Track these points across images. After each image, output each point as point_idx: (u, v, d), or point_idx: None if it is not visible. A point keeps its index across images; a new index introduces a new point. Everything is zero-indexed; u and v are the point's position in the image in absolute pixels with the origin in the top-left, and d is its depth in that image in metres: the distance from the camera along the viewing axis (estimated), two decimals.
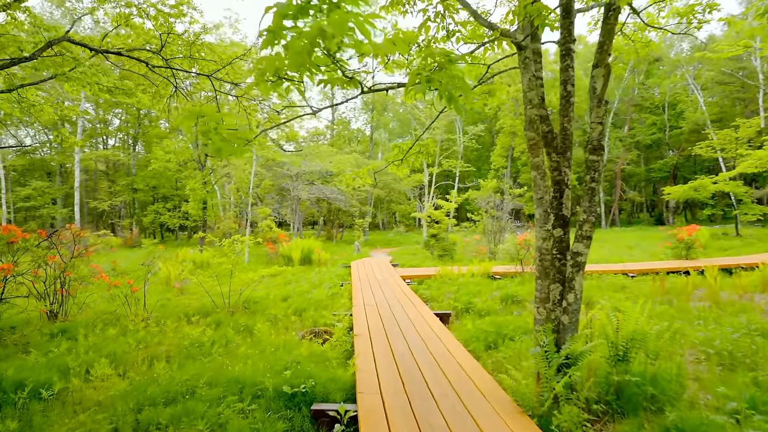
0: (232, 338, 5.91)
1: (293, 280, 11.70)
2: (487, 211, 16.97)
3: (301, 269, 13.88)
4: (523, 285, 9.29)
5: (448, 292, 9.13)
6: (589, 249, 3.59)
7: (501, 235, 16.46)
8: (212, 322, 7.02)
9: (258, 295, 9.21)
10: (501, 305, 7.78)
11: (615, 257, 14.77)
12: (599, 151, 3.52)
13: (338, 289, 9.78)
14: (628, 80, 36.42)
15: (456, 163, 26.89)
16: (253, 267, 15.52)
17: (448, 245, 15.55)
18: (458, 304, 7.72)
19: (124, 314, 7.45)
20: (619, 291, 9.06)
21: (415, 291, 9.30)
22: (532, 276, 9.82)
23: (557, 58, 33.37)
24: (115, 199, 31.07)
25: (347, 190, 22.26)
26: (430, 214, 16.33)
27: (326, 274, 12.34)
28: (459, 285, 9.47)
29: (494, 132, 44.98)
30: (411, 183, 30.36)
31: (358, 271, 12.22)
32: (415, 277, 11.34)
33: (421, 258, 17.33)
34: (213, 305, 8.02)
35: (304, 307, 7.91)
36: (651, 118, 40.54)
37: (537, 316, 3.79)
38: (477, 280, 9.96)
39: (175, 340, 6.10)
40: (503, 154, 37.06)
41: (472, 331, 5.99)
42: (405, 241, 29.62)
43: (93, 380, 4.49)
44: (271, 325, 6.95)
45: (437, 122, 25.33)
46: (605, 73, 3.48)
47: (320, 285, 10.68)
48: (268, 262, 16.56)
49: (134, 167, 33.27)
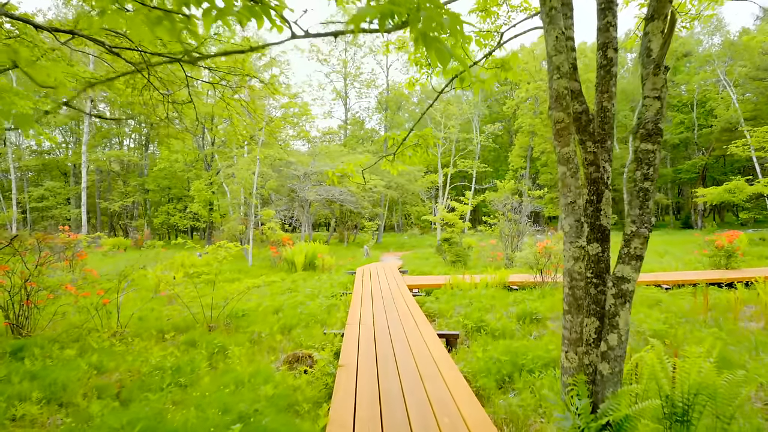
0: (199, 364, 5.05)
1: (292, 288, 10.85)
2: (504, 213, 15.88)
3: (303, 276, 13.04)
4: (543, 299, 8.24)
5: (459, 306, 8.14)
6: (638, 273, 2.59)
7: (519, 240, 15.36)
8: (187, 341, 6.19)
9: (247, 307, 8.38)
10: (518, 324, 6.77)
11: (645, 266, 13.52)
12: (655, 137, 2.52)
13: (337, 300, 8.88)
14: None
15: (472, 163, 25.76)
16: (256, 272, 14.78)
17: (461, 250, 14.52)
18: (468, 322, 6.74)
19: (95, 328, 6.69)
20: (653, 307, 7.95)
21: (421, 304, 8.34)
22: (553, 288, 8.75)
23: (580, 54, 31.79)
24: (127, 200, 30.84)
25: (357, 191, 21.40)
26: (443, 216, 15.33)
27: (328, 282, 11.47)
28: (471, 298, 8.47)
29: (512, 132, 43.64)
30: (425, 184, 29.35)
31: (363, 278, 11.31)
32: (423, 286, 10.38)
33: (432, 263, 16.33)
34: (193, 319, 7.20)
35: (294, 323, 7.03)
36: (678, 117, 38.67)
37: (565, 362, 2.80)
38: (491, 292, 8.94)
39: (136, 364, 5.28)
40: (522, 155, 35.72)
41: (482, 360, 5.01)
42: (418, 244, 28.62)
43: (6, 426, 3.66)
44: (252, 345, 6.08)
45: (452, 120, 24.32)
46: (666, 28, 2.49)
47: (319, 295, 9.80)
48: (272, 266, 15.79)
49: (146, 168, 33.05)
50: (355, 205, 21.53)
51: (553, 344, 5.60)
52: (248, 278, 13.70)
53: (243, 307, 8.40)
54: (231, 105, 6.73)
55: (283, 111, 19.31)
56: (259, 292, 10.70)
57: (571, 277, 2.66)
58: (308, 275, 13.31)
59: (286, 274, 13.90)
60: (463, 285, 9.78)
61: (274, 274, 14.09)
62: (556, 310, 7.45)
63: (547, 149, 32.63)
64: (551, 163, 33.24)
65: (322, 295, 9.62)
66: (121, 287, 7.76)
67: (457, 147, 30.67)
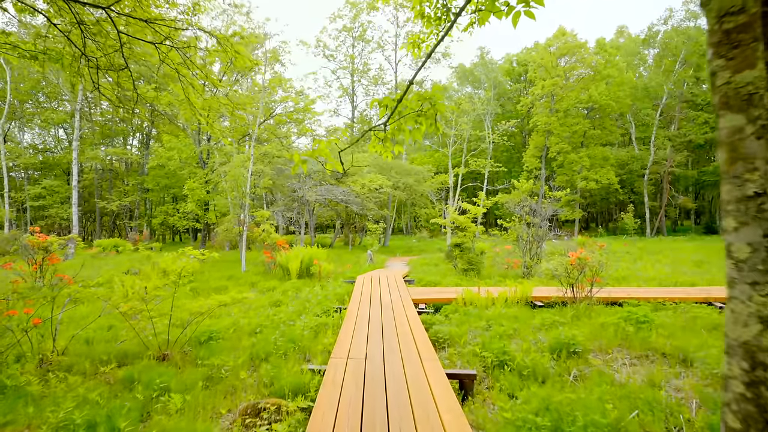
0: (117, 423, 3.67)
1: (280, 301, 9.47)
2: (522, 217, 14.37)
3: (296, 285, 11.66)
4: (578, 322, 6.75)
5: (474, 329, 6.69)
6: None
7: (538, 246, 13.84)
8: (125, 378, 4.83)
9: (220, 326, 7.01)
10: (551, 358, 5.30)
11: (684, 277, 11.93)
12: None
13: (328, 319, 7.47)
14: (678, 73, 32.82)
15: (485, 162, 24.20)
16: (248, 278, 13.45)
17: (474, 257, 13.04)
18: (487, 355, 5.30)
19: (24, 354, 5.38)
20: (712, 331, 6.43)
21: (428, 325, 6.90)
22: (588, 308, 7.25)
23: (599, 50, 30.13)
24: (125, 199, 29.81)
25: (362, 192, 20.01)
26: (453, 219, 13.88)
27: (322, 293, 10.07)
28: (489, 319, 7.00)
29: (525, 132, 41.94)
30: (435, 185, 27.86)
31: (362, 290, 9.89)
32: (431, 301, 8.94)
33: (442, 271, 14.86)
34: (145, 345, 5.83)
35: (269, 351, 5.64)
36: (703, 116, 36.72)
37: None
38: (513, 311, 7.46)
39: (45, 413, 3.93)
40: (537, 155, 34.05)
41: (511, 422, 3.57)
42: (427, 248, 27.12)
43: None
44: (206, 385, 4.70)
45: (463, 117, 22.86)
46: None
47: (309, 310, 8.41)
48: (266, 272, 14.45)
49: (146, 166, 32.07)
50: (359, 206, 20.14)
51: (609, 394, 4.14)
52: (237, 286, 12.39)
53: (216, 326, 7.05)
54: (182, 72, 5.36)
55: (283, 105, 18.05)
56: (242, 305, 9.35)
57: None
58: (303, 284, 11.93)
59: (278, 281, 12.54)
60: (477, 300, 8.32)
61: (267, 281, 12.75)
62: (597, 338, 5.97)
63: (563, 149, 30.95)
64: (567, 164, 31.56)
65: (313, 311, 8.23)
66: (62, 301, 6.43)
67: (468, 146, 29.11)
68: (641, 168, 35.21)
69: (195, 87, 6.27)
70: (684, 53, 32.00)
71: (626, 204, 39.93)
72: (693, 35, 32.25)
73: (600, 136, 33.17)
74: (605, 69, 30.38)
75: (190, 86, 5.44)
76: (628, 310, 6.57)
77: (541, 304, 8.42)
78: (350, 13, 32.56)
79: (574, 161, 30.24)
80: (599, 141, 33.72)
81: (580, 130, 31.52)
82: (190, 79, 5.33)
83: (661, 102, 33.49)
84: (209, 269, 16.39)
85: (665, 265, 14.97)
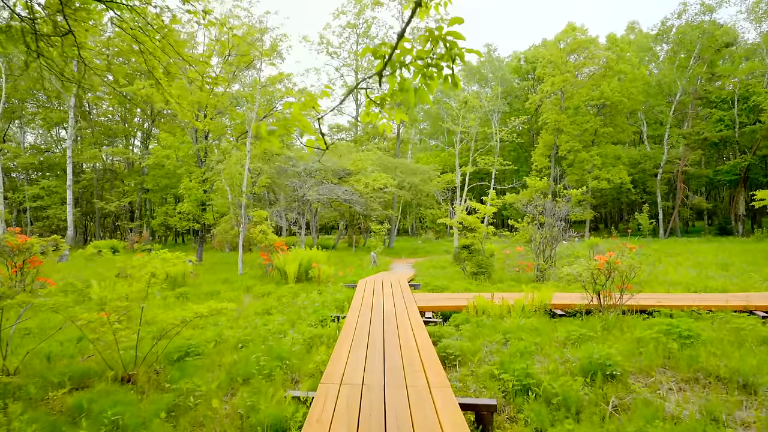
0: None
1: (273, 307, 8.68)
2: (535, 217, 13.51)
3: (293, 289, 10.87)
4: (608, 335, 5.90)
5: (489, 343, 5.86)
6: None
7: (552, 248, 12.98)
8: (75, 405, 4.05)
9: (203, 338, 6.24)
10: (583, 382, 4.44)
11: (712, 281, 11.01)
12: None
13: (323, 330, 6.66)
14: (693, 68, 31.74)
15: (493, 160, 23.27)
16: (243, 282, 12.68)
17: (484, 260, 12.20)
18: (507, 377, 4.48)
19: None
20: (762, 346, 5.57)
21: (437, 338, 6.08)
22: (618, 318, 6.39)
23: (610, 45, 29.18)
24: (125, 199, 29.21)
25: (365, 191, 19.19)
26: (462, 219, 13.05)
27: (320, 300, 9.27)
28: (506, 331, 6.16)
29: (533, 132, 40.92)
30: (441, 184, 27.01)
31: (363, 296, 9.09)
32: (438, 308, 8.12)
33: (450, 274, 14.03)
34: (107, 364, 5.05)
35: (251, 372, 4.84)
36: (717, 114, 35.59)
37: None
38: (532, 322, 6.61)
39: None
40: (546, 153, 33.07)
41: None
42: (433, 249, 26.27)
43: None
44: (169, 417, 3.91)
45: (471, 114, 21.99)
46: None
47: (306, 318, 7.63)
48: (264, 275, 13.68)
49: (144, 166, 31.50)
50: (363, 206, 19.33)
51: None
52: (231, 291, 11.61)
53: (198, 338, 6.27)
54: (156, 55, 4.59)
55: (284, 102, 17.28)
56: (230, 313, 8.58)
57: None
58: (301, 288, 11.14)
59: (275, 286, 11.76)
60: (491, 308, 7.48)
61: (263, 285, 11.97)
62: (635, 356, 5.11)
63: (574, 147, 29.95)
64: (578, 163, 30.57)
65: (307, 321, 7.44)
66: (16, 312, 5.68)
67: (475, 145, 28.20)
68: (653, 167, 34.13)
69: (171, 72, 5.51)
70: (699, 48, 30.91)
71: (636, 204, 38.85)
72: (708, 29, 31.18)
73: (611, 134, 32.16)
74: (617, 65, 29.38)
75: (166, 71, 4.66)
76: (668, 323, 5.70)
77: (562, 313, 7.57)
78: (354, 9, 31.81)
79: (585, 160, 29.25)
80: (611, 139, 32.71)
81: (591, 128, 30.51)
82: (166, 63, 4.54)
83: (675, 99, 32.39)
84: (204, 272, 15.66)
85: (687, 268, 14.03)
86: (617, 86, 29.02)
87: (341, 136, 36.87)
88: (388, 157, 27.04)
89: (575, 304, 7.53)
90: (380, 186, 20.36)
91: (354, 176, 19.99)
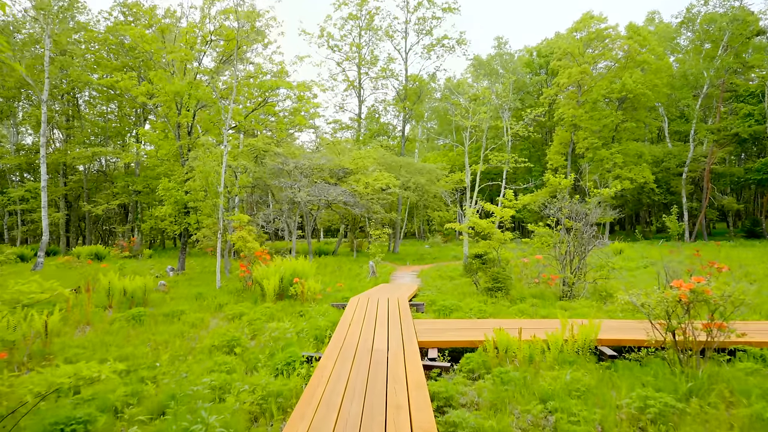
0: None
1: (235, 341, 6.77)
2: (559, 220, 11.51)
3: (271, 310, 8.99)
4: (704, 405, 3.91)
5: (521, 412, 3.92)
6: None
7: (581, 258, 10.98)
8: None
9: (112, 398, 4.36)
10: None
11: None
12: None
13: (290, 382, 4.75)
14: (721, 59, 29.40)
15: (506, 157, 21.19)
16: (219, 298, 10.83)
17: (501, 273, 10.23)
18: None
19: None
20: None
21: (443, 401, 4.16)
22: (711, 375, 4.40)
23: (632, 34, 27.00)
24: (113, 201, 27.61)
25: (366, 192, 17.28)
26: (474, 223, 11.10)
27: (298, 327, 7.38)
28: (544, 396, 4.19)
29: (546, 129, 38.69)
30: (449, 184, 25.01)
31: (351, 323, 7.18)
32: (446, 344, 6.20)
33: (460, 287, 12.08)
34: None
35: None
36: (745, 108, 33.13)
37: None
38: (580, 376, 4.62)
39: None
40: (561, 151, 30.92)
41: None
42: (441, 255, 24.28)
43: None
44: None
45: (483, 107, 20.00)
46: None
47: (272, 358, 5.76)
48: (243, 289, 11.82)
49: (137, 166, 29.92)
50: (362, 208, 17.43)
51: None
52: (198, 312, 9.76)
53: (102, 395, 4.41)
54: None
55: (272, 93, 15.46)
56: (177, 349, 6.75)
57: None
58: (280, 308, 9.27)
59: (252, 304, 9.90)
60: (516, 347, 5.53)
61: (238, 303, 10.11)
62: None
63: (593, 144, 27.75)
64: (597, 161, 28.39)
65: (271, 364, 5.56)
66: None
67: (487, 142, 26.15)
68: (677, 166, 31.81)
69: None
70: (728, 36, 28.56)
71: (656, 205, 36.47)
72: (738, 16, 28.84)
73: (633, 130, 29.90)
74: (640, 55, 27.16)
75: None
76: None
77: (614, 354, 5.59)
78: None
79: (605, 158, 27.03)
80: (632, 136, 30.45)
81: (612, 124, 28.26)
82: None
83: (702, 92, 30.05)
84: (181, 284, 13.84)
85: (737, 281, 11.91)
86: (640, 77, 26.76)
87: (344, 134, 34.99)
88: (392, 155, 25.11)
89: (634, 340, 5.56)
90: (382, 186, 18.45)
91: (353, 175, 18.09)
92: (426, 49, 29.27)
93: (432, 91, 36.26)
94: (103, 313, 9.28)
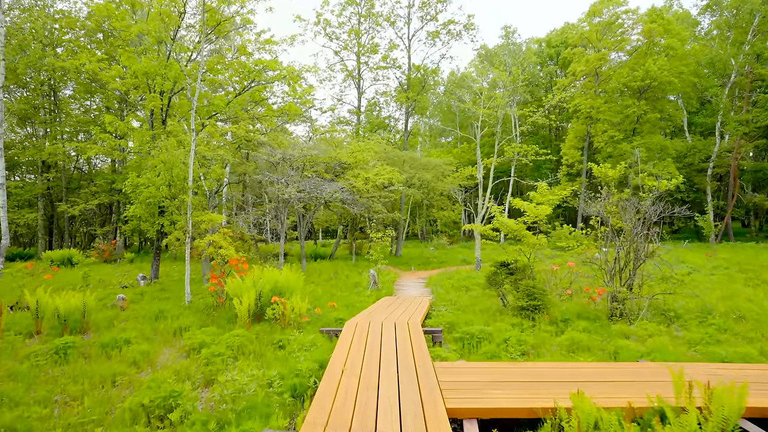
0: None
1: (175, 397, 4.60)
2: (604, 221, 9.36)
3: (241, 339, 6.81)
4: None
5: None
6: None
7: (635, 266, 8.83)
8: None
9: None
10: None
11: None
12: None
13: None
14: (751, 44, 27.15)
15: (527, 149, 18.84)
16: (185, 319, 8.68)
17: (537, 288, 8.06)
18: None
19: None
20: None
21: None
22: None
23: (655, 17, 24.82)
24: (93, 200, 25.46)
25: (365, 188, 15.12)
26: (500, 224, 8.94)
27: (270, 372, 5.23)
28: None
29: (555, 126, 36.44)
30: (457, 181, 22.81)
31: (344, 371, 5.00)
32: (491, 414, 4.02)
33: (480, 302, 9.90)
34: None
35: None
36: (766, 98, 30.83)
37: None
38: None
39: None
40: (577, 146, 28.74)
41: None
42: (448, 259, 22.09)
43: None
44: None
45: (496, 92, 17.83)
46: None
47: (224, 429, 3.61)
48: (216, 305, 9.64)
49: (120, 164, 27.79)
50: (362, 207, 15.26)
51: None
52: (147, 342, 7.61)
53: None
54: None
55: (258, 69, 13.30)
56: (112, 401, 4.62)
57: None
58: (254, 335, 7.11)
59: (220, 329, 7.73)
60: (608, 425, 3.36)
61: (206, 326, 7.95)
62: None
63: (614, 137, 25.51)
64: (617, 154, 26.17)
65: None
66: None
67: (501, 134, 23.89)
68: (700, 161, 29.57)
69: None
70: (758, 19, 26.28)
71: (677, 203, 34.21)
72: None
73: (655, 122, 27.66)
74: (663, 39, 24.93)
75: None
76: None
77: None
78: None
79: (626, 152, 24.79)
80: (653, 128, 28.20)
81: (633, 115, 26.01)
82: None
83: (730, 80, 27.80)
84: (148, 297, 11.70)
85: None
86: (665, 63, 24.47)
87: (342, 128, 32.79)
88: (394, 149, 22.93)
89: None
90: (384, 182, 16.29)
91: (352, 170, 15.93)
92: (431, 36, 27.05)
93: (436, 85, 34.10)
94: (22, 344, 7.14)
